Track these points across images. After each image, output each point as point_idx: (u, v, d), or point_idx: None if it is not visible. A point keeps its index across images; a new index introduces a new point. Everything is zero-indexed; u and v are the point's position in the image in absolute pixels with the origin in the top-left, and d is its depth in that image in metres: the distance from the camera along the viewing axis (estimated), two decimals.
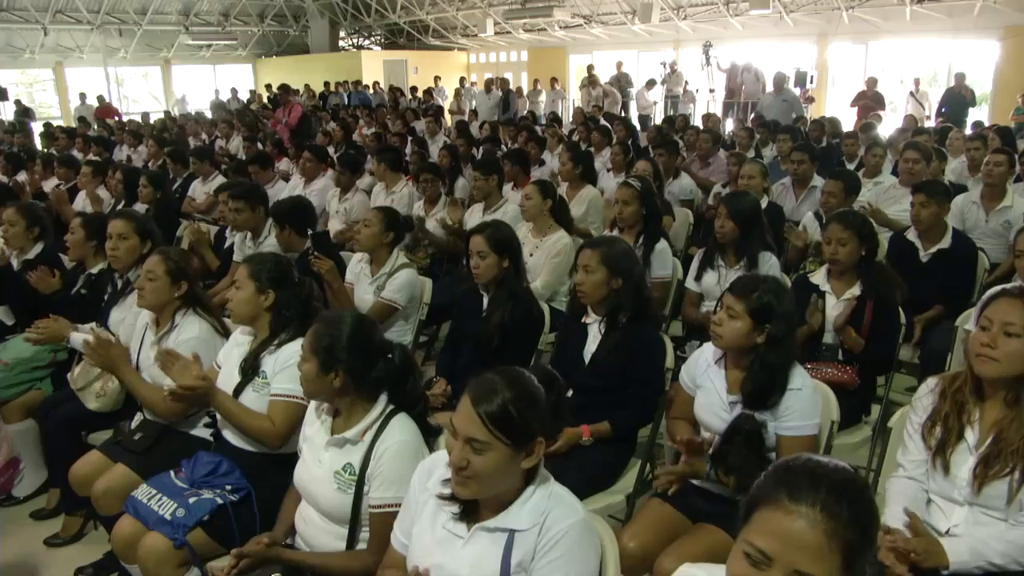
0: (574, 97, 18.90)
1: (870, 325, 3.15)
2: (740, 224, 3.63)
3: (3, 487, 3.57)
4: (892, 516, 2.07)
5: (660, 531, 2.34)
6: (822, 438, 2.46)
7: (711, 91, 16.10)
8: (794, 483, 1.21)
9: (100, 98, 17.66)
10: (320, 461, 2.16)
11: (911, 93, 13.40)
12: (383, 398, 2.16)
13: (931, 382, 2.19)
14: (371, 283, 3.71)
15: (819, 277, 3.36)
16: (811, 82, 15.13)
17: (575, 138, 9.43)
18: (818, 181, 5.33)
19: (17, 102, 17.37)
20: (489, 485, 1.65)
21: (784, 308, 2.31)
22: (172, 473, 2.55)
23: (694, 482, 2.42)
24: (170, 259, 2.91)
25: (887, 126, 10.88)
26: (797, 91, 13.19)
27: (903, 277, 3.43)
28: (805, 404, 2.30)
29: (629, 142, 7.80)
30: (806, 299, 3.22)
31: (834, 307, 3.24)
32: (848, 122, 11.26)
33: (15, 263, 4.05)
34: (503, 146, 8.77)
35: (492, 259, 3.16)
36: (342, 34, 24.38)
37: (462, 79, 20.22)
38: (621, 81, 16.90)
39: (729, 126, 12.83)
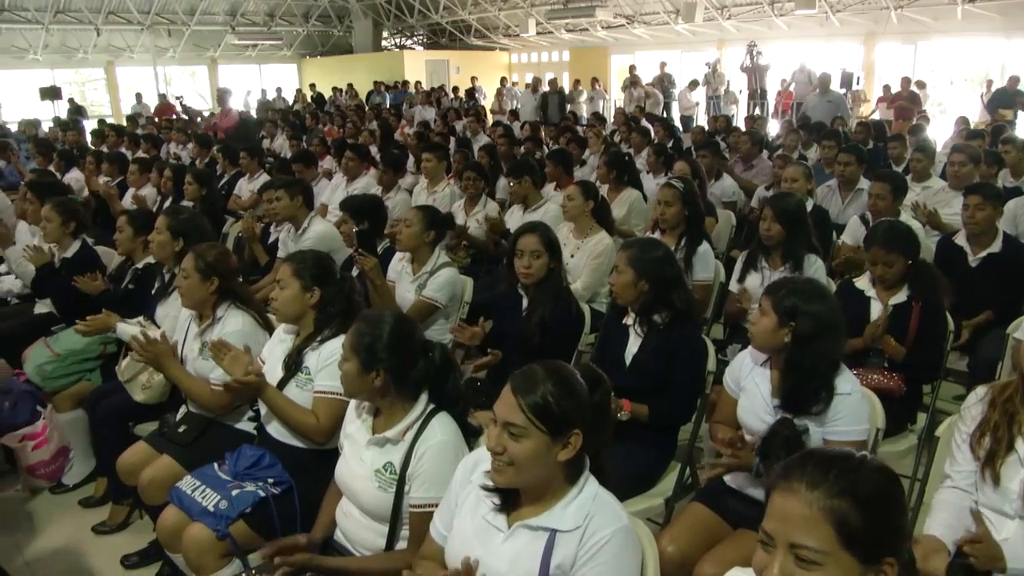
0: (616, 98, 18.83)
1: (916, 332, 3.08)
2: (786, 226, 3.57)
3: (54, 475, 3.69)
4: (935, 523, 2.03)
5: (700, 536, 2.32)
6: (868, 445, 2.41)
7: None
8: (790, 465, 1.30)
9: (162, 96, 18.01)
10: (362, 459, 2.17)
11: (981, 96, 13.07)
12: (423, 397, 2.17)
13: (980, 391, 2.14)
14: (412, 281, 3.73)
15: (864, 282, 3.30)
16: (858, 83, 14.90)
17: (616, 138, 9.39)
18: (864, 184, 5.23)
19: (70, 100, 17.80)
20: (525, 473, 1.67)
21: (813, 308, 2.27)
22: (216, 465, 2.60)
23: (734, 487, 2.40)
24: (200, 257, 2.95)
25: (935, 128, 10.67)
26: (842, 91, 13.00)
27: (951, 283, 3.35)
28: (854, 409, 2.26)
29: (668, 143, 7.75)
30: (852, 304, 3.16)
31: (880, 313, 3.18)
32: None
33: (56, 260, 4.15)
34: (544, 146, 8.77)
35: (545, 259, 3.15)
36: (385, 34, 24.59)
37: (503, 79, 20.25)
38: (664, 82, 16.78)
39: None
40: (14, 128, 14.57)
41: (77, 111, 17.00)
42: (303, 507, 2.47)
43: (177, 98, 16.88)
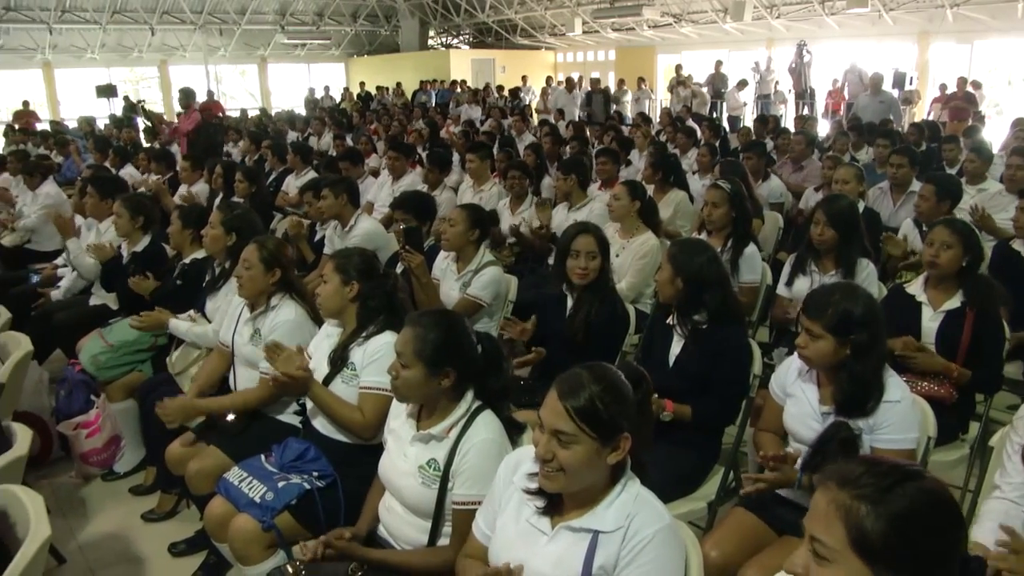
0: (661, 98, 18.68)
1: (969, 342, 2.98)
2: (840, 230, 3.47)
3: (105, 462, 3.80)
4: (983, 531, 1.98)
5: (744, 542, 2.28)
6: (918, 454, 2.36)
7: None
8: (840, 464, 1.30)
9: (210, 93, 18.30)
10: (405, 455, 2.18)
11: None
12: (469, 394, 2.17)
13: None
14: (457, 279, 3.74)
15: (916, 287, 3.21)
16: (911, 83, 14.58)
17: (662, 139, 9.33)
18: (917, 186, 5.11)
19: (125, 98, 18.20)
20: (575, 479, 1.66)
21: (865, 314, 2.21)
22: (263, 457, 2.64)
23: (781, 493, 2.36)
24: (264, 248, 3.00)
25: (991, 129, 10.38)
26: (895, 92, 12.71)
27: (1007, 289, 3.24)
28: (903, 417, 2.20)
29: (716, 144, 7.67)
30: (902, 310, 3.09)
31: (931, 319, 3.09)
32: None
33: (125, 254, 4.26)
34: (590, 146, 8.74)
35: (599, 260, 3.15)
36: (431, 33, 24.74)
37: (548, 78, 20.24)
38: (715, 82, 16.58)
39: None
40: (72, 125, 14.99)
41: (132, 108, 17.38)
42: (347, 501, 2.49)
43: (139, 102, 16.74)
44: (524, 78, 19.82)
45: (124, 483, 3.75)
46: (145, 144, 10.66)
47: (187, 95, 10.51)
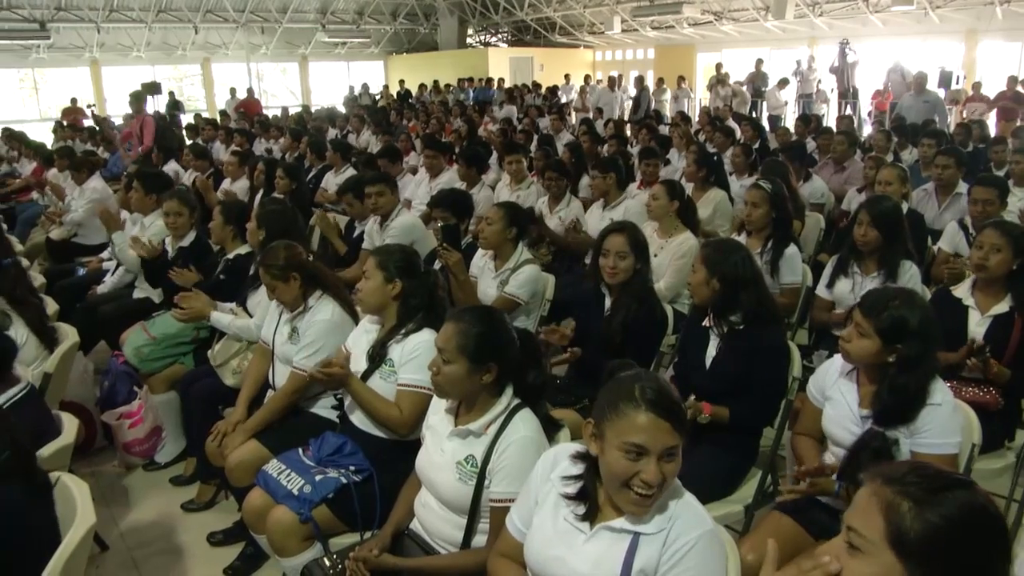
0: (701, 96, 18.50)
1: (1018, 346, 2.91)
2: (883, 231, 3.40)
3: (147, 452, 3.87)
4: None
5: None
6: (961, 460, 2.31)
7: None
8: (887, 466, 1.33)
9: (250, 90, 18.48)
10: (443, 450, 2.18)
11: None
12: (508, 391, 2.16)
13: None
14: (495, 277, 3.75)
15: (963, 291, 3.14)
16: (958, 82, 14.25)
17: (701, 138, 9.24)
18: (963, 188, 5.00)
19: (170, 95, 18.53)
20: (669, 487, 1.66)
21: (918, 329, 2.15)
22: (300, 451, 2.67)
23: (819, 497, 2.33)
24: (272, 266, 3.01)
25: None
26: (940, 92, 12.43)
27: None
28: (945, 421, 2.16)
29: (755, 144, 7.57)
30: (948, 314, 3.02)
31: (979, 323, 3.03)
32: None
33: (171, 249, 4.34)
34: (629, 145, 8.69)
35: (631, 260, 3.12)
36: (470, 31, 24.80)
37: (587, 76, 20.17)
38: (756, 81, 16.36)
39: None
40: (118, 122, 15.26)
41: (175, 106, 17.67)
42: (383, 496, 2.51)
43: (90, 106, 16.60)
44: (567, 76, 19.75)
45: (165, 473, 3.83)
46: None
47: (137, 98, 9.74)
